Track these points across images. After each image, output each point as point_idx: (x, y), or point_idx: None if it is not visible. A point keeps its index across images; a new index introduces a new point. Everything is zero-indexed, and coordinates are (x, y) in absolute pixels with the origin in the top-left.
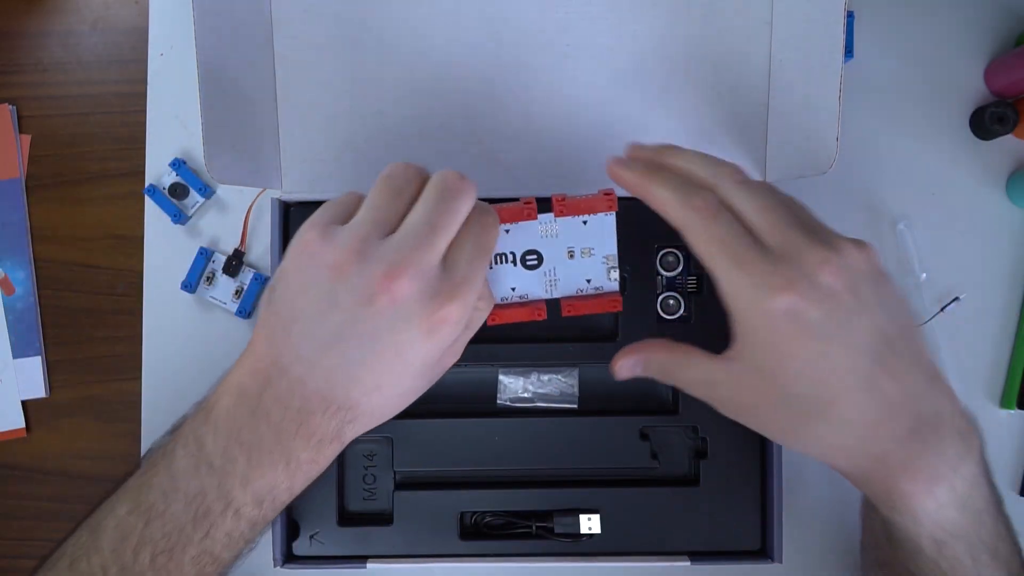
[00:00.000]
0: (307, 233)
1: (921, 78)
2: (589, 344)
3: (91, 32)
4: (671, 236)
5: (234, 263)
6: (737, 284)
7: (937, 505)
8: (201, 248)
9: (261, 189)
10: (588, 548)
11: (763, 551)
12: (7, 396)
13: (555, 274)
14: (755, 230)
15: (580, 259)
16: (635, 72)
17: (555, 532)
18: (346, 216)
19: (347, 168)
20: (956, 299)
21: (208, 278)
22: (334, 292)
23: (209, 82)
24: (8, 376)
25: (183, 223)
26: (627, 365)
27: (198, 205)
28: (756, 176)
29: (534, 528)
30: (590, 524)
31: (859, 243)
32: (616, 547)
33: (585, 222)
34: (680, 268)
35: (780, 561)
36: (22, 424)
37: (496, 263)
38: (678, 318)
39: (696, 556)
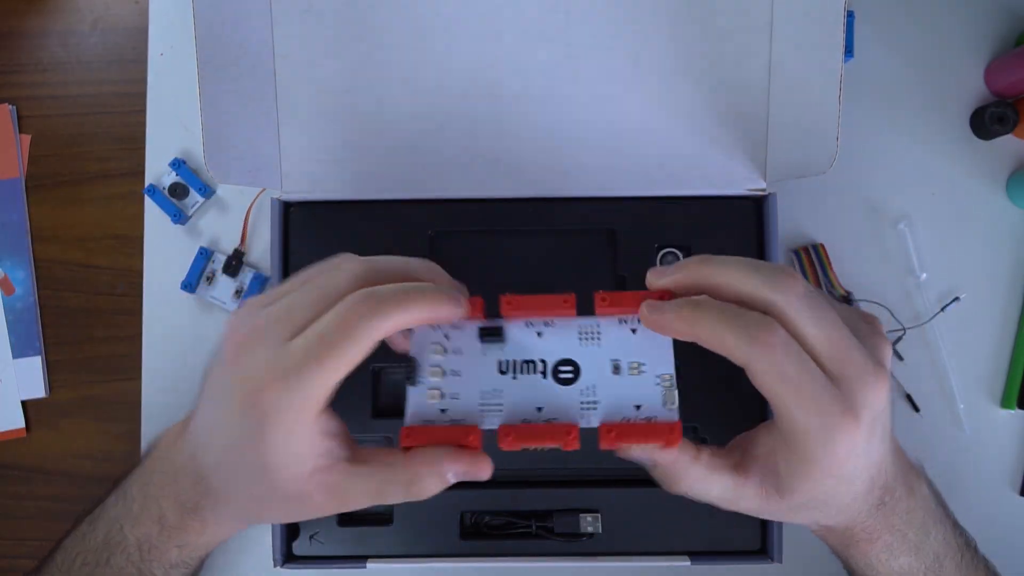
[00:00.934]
0: (240, 307)
1: (921, 78)
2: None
3: (91, 32)
4: (672, 237)
5: (234, 263)
6: (806, 419)
7: (890, 554)
8: (201, 248)
9: (261, 189)
10: (588, 548)
11: (763, 551)
12: (7, 396)
13: (595, 393)
14: (817, 356)
15: (627, 376)
16: (636, 71)
17: (555, 532)
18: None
19: (347, 168)
20: (956, 299)
21: (208, 278)
22: (224, 373)
23: (209, 81)
24: (8, 376)
25: (183, 223)
26: (638, 453)
27: (198, 205)
28: (757, 179)
29: (534, 528)
30: (590, 524)
31: (874, 323)
32: (616, 547)
33: (635, 330)
34: None
35: (780, 561)
36: (22, 424)
37: (522, 372)
38: None
39: (696, 556)
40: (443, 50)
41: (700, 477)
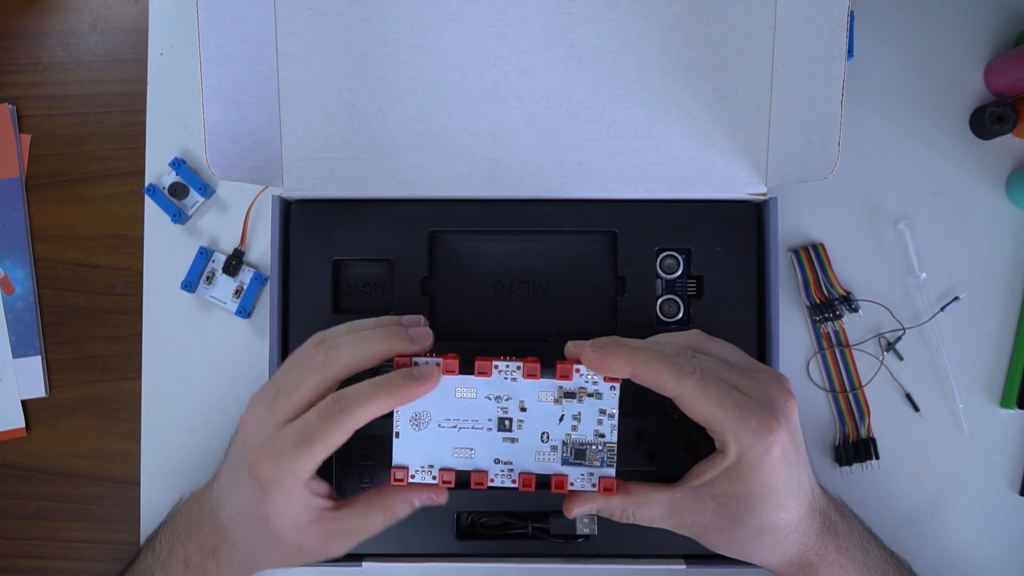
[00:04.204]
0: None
1: (921, 78)
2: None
3: (91, 32)
4: (671, 238)
5: (234, 263)
6: (742, 430)
7: (844, 573)
8: (201, 248)
9: (260, 189)
10: (583, 550)
11: None
12: (7, 396)
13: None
14: (734, 383)
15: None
16: (638, 74)
17: (551, 533)
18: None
19: (348, 166)
20: (956, 299)
21: (208, 278)
22: (237, 446)
23: (212, 79)
24: (8, 376)
25: (183, 223)
26: (582, 511)
27: (198, 205)
28: (758, 183)
29: (530, 529)
30: (586, 526)
31: (775, 372)
32: (611, 549)
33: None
34: (680, 271)
35: None
36: (22, 424)
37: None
38: (677, 322)
39: (691, 560)
40: (445, 49)
41: (638, 505)
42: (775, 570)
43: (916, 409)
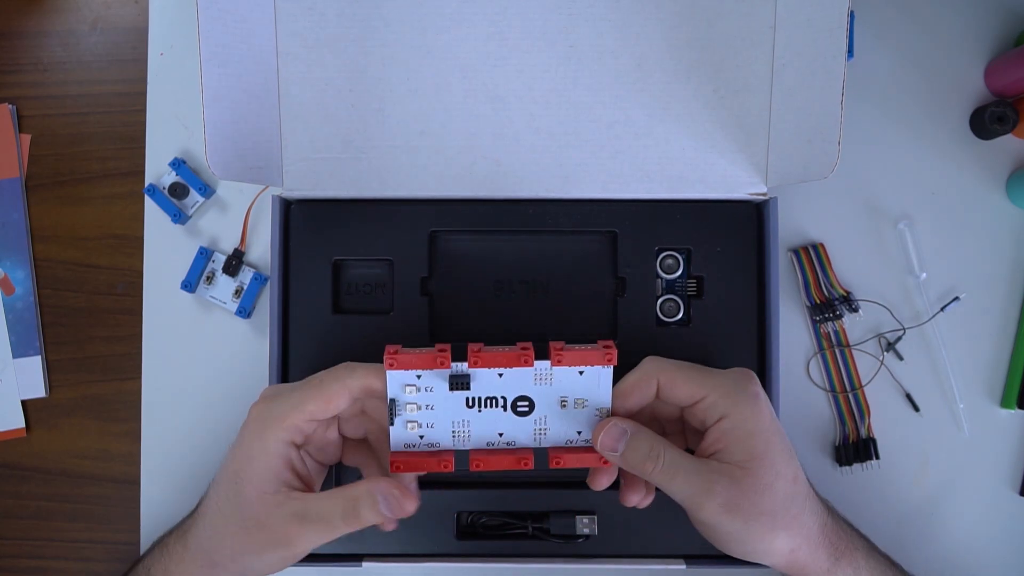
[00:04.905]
0: None
1: (921, 78)
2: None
3: (91, 32)
4: (672, 238)
5: (234, 263)
6: (724, 385)
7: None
8: (201, 248)
9: (260, 189)
10: (583, 550)
11: None
12: (7, 396)
13: (545, 423)
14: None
15: (572, 409)
16: (638, 74)
17: (551, 533)
18: None
19: (348, 166)
20: (956, 299)
21: (208, 278)
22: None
23: (212, 79)
24: (8, 376)
25: (183, 223)
26: (617, 429)
27: (198, 205)
28: (758, 183)
29: (530, 529)
30: (586, 526)
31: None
32: (611, 549)
33: (582, 372)
34: (680, 271)
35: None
36: (22, 424)
37: (486, 406)
38: (677, 321)
39: (691, 560)
40: (445, 48)
41: (668, 446)
42: (796, 559)
43: (916, 409)
